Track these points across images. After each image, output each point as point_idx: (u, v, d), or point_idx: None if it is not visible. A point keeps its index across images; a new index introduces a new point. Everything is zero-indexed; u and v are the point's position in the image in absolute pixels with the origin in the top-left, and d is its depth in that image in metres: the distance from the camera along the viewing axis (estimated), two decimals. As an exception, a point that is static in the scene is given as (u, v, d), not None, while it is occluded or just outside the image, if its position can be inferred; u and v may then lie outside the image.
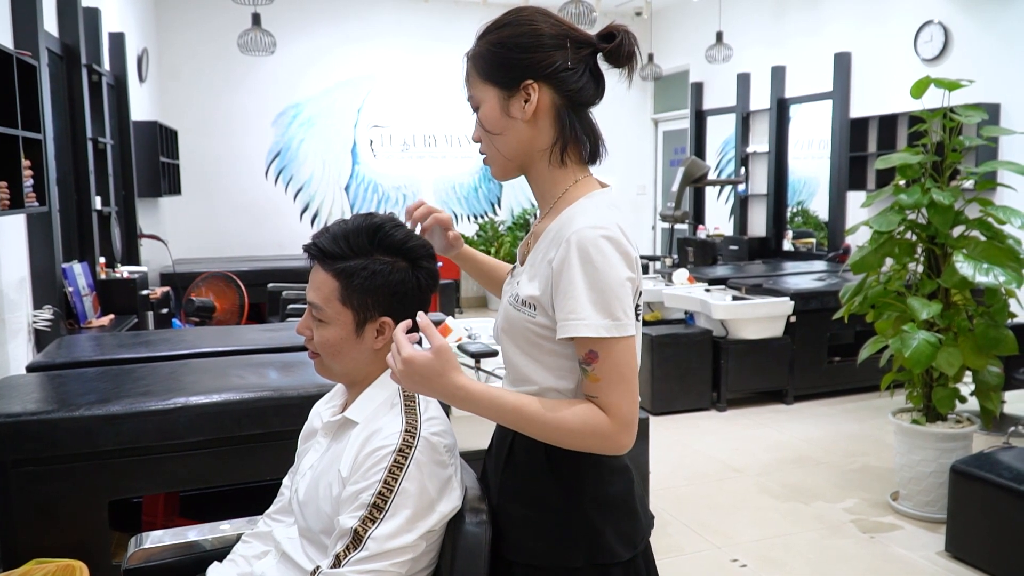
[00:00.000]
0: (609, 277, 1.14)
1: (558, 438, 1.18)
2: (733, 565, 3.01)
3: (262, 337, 3.17)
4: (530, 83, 1.22)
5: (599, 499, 1.25)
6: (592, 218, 1.17)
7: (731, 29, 7.41)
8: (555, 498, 1.25)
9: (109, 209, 4.94)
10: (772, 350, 5.04)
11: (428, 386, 1.17)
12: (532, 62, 1.22)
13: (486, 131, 1.27)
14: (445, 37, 8.38)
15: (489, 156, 1.30)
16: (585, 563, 1.23)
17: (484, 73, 1.25)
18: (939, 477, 3.27)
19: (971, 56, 5.62)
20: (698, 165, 6.51)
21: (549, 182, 1.28)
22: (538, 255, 1.24)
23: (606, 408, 1.15)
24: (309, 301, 1.35)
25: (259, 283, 5.60)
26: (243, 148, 7.92)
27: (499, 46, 1.24)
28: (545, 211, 1.29)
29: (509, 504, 1.29)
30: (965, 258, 3.13)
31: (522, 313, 1.23)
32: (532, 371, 1.25)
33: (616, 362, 1.15)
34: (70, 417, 2.08)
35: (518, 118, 1.24)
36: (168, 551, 1.67)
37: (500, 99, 1.25)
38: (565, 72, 1.23)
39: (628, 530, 1.28)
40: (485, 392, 1.18)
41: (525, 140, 1.26)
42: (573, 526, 1.24)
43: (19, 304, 3.49)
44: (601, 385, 1.15)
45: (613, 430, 1.15)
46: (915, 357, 3.09)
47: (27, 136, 3.05)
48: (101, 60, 4.95)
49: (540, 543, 1.25)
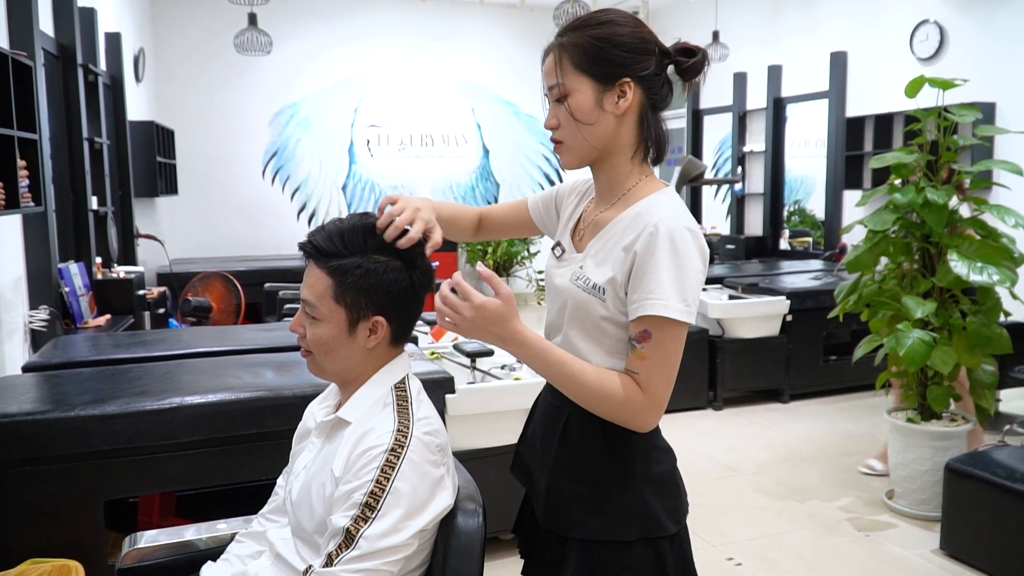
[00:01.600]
0: (689, 266, 1.22)
1: (590, 401, 1.25)
2: (729, 564, 3.02)
3: (258, 337, 3.17)
4: (627, 81, 1.29)
5: (650, 476, 1.32)
6: (675, 210, 1.26)
7: (727, 28, 7.42)
8: (610, 476, 1.31)
9: (105, 209, 4.93)
10: (768, 349, 5.05)
11: (491, 331, 1.24)
12: (632, 62, 1.29)
13: (576, 120, 1.30)
14: (442, 37, 8.38)
15: (569, 143, 1.33)
16: (638, 537, 1.29)
17: (581, 65, 1.29)
18: (934, 475, 3.28)
19: (967, 55, 5.63)
20: (695, 164, 6.51)
21: (622, 175, 1.35)
22: (607, 242, 1.31)
23: (644, 386, 1.23)
24: (303, 299, 1.36)
25: (255, 283, 5.60)
26: (240, 148, 7.91)
27: (604, 41, 1.28)
28: (611, 202, 1.36)
29: (562, 482, 1.35)
30: (959, 257, 3.14)
31: (592, 296, 1.29)
32: (589, 350, 1.31)
33: (666, 346, 1.23)
34: (66, 417, 2.08)
35: (609, 112, 1.30)
36: (162, 551, 1.67)
37: (595, 91, 1.29)
38: (655, 77, 1.31)
39: (674, 505, 1.35)
40: (538, 341, 1.26)
41: (611, 133, 1.32)
42: (627, 502, 1.30)
43: (15, 304, 3.49)
44: (646, 363, 1.23)
45: (646, 408, 1.23)
46: (909, 356, 3.11)
47: (23, 136, 3.04)
48: (97, 60, 4.95)
49: (595, 519, 1.30)
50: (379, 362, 1.38)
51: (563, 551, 1.33)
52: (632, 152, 1.34)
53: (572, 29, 1.32)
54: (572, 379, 1.25)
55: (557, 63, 1.32)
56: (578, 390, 1.25)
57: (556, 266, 1.42)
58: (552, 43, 1.34)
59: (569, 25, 1.33)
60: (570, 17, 5.23)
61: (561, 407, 1.36)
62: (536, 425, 1.46)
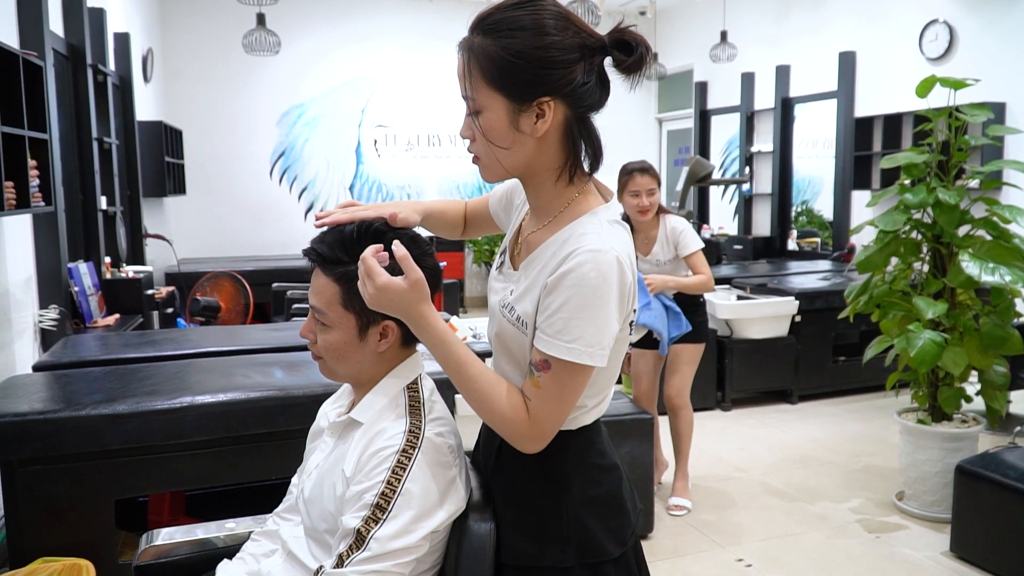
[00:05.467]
0: (592, 305, 1.12)
1: (478, 406, 1.20)
2: (738, 565, 3.01)
3: (267, 337, 3.17)
4: (546, 101, 1.14)
5: (589, 499, 1.27)
6: (596, 240, 1.14)
7: (735, 28, 7.40)
8: (546, 500, 1.26)
9: (114, 209, 4.95)
10: (777, 350, 5.03)
11: (394, 309, 1.20)
12: (552, 79, 1.13)
13: (488, 141, 1.18)
14: (449, 37, 8.25)
15: (485, 163, 1.22)
16: (576, 563, 1.24)
17: (493, 80, 1.14)
18: (944, 477, 3.26)
19: (976, 55, 5.60)
20: (702, 164, 6.51)
21: (551, 195, 1.24)
22: (534, 268, 1.22)
23: (532, 414, 1.17)
24: (312, 305, 1.34)
25: (264, 283, 5.62)
26: (248, 148, 7.93)
27: (517, 56, 1.12)
28: (544, 222, 1.25)
29: (500, 507, 1.30)
30: (971, 257, 3.12)
31: (516, 328, 1.23)
32: (512, 372, 1.27)
33: (563, 382, 1.16)
34: (76, 416, 2.08)
35: (528, 134, 1.16)
36: (179, 548, 1.67)
37: (509, 112, 1.15)
38: (583, 87, 1.15)
39: (617, 527, 1.29)
40: (442, 332, 1.20)
41: (531, 156, 1.19)
42: (564, 527, 1.25)
43: (25, 304, 3.50)
44: (539, 393, 1.17)
45: (527, 434, 1.18)
46: (920, 357, 3.09)
47: (33, 136, 3.05)
48: (106, 60, 4.96)
49: (532, 545, 1.26)
50: (391, 364, 1.37)
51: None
52: (557, 175, 1.21)
53: (484, 30, 1.15)
54: (468, 381, 1.19)
55: (467, 72, 1.16)
56: (469, 392, 1.20)
57: (495, 278, 1.35)
58: (463, 41, 1.18)
59: (481, 20, 1.16)
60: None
61: (493, 435, 1.30)
62: (479, 444, 1.43)
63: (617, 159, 2.63)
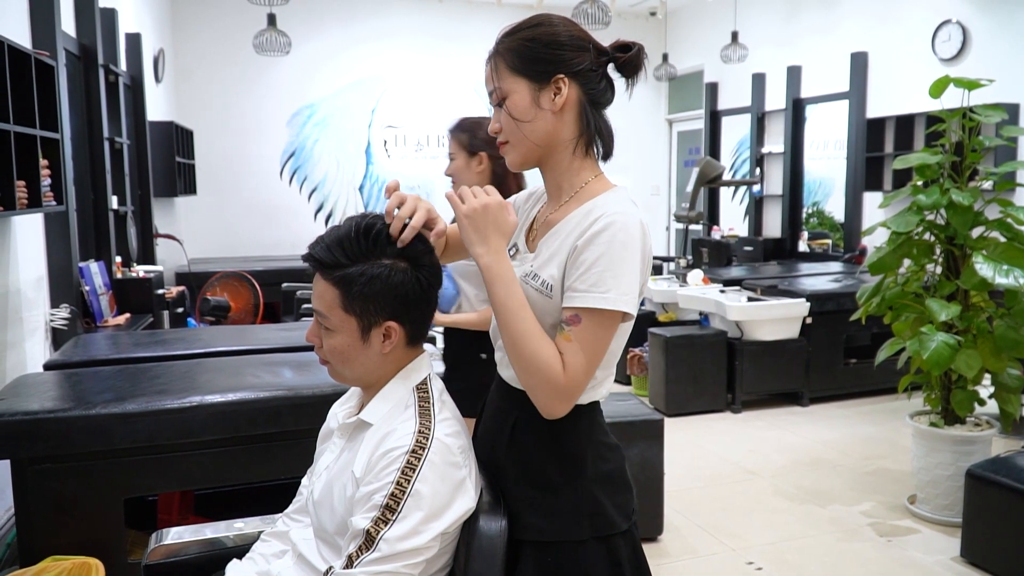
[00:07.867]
0: (624, 259, 1.23)
1: (522, 349, 1.23)
2: (748, 568, 2.99)
3: (276, 336, 3.18)
4: (561, 77, 1.32)
5: (600, 475, 1.34)
6: (622, 205, 1.28)
7: (746, 29, 7.37)
8: (560, 476, 1.32)
9: (125, 208, 4.97)
10: (788, 352, 5.01)
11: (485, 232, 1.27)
12: (564, 58, 1.32)
13: (514, 119, 1.33)
14: (459, 37, 8.37)
15: (513, 142, 1.36)
16: (591, 536, 1.31)
17: (515, 67, 1.33)
18: (956, 480, 3.23)
19: (989, 56, 5.56)
20: (713, 165, 6.49)
21: (569, 172, 1.37)
22: (555, 240, 1.32)
23: (566, 366, 1.23)
24: (314, 309, 1.34)
25: (274, 283, 5.63)
26: (258, 148, 7.94)
27: (533, 42, 1.32)
28: (562, 201, 1.37)
29: (515, 487, 1.35)
30: (985, 259, 3.10)
31: (541, 294, 1.30)
32: None
33: (594, 332, 1.24)
34: (86, 415, 2.09)
35: (547, 109, 1.33)
36: (188, 547, 1.67)
37: (531, 91, 1.33)
38: (591, 72, 1.33)
39: (624, 502, 1.36)
40: (509, 272, 1.27)
41: (551, 130, 1.34)
42: (579, 502, 1.31)
43: (36, 303, 3.52)
44: (571, 346, 1.23)
45: (561, 385, 1.22)
46: (933, 359, 3.06)
47: (45, 136, 3.07)
48: (118, 60, 4.98)
49: (548, 521, 1.31)
50: (398, 364, 1.37)
51: (517, 554, 1.32)
52: (574, 146, 1.36)
53: (506, 35, 1.37)
54: (521, 321, 1.24)
55: (493, 70, 1.36)
56: (519, 335, 1.24)
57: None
58: (489, 53, 1.38)
59: (503, 33, 1.38)
60: (587, 18, 5.23)
61: (509, 411, 1.37)
62: (485, 430, 1.45)
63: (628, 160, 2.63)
